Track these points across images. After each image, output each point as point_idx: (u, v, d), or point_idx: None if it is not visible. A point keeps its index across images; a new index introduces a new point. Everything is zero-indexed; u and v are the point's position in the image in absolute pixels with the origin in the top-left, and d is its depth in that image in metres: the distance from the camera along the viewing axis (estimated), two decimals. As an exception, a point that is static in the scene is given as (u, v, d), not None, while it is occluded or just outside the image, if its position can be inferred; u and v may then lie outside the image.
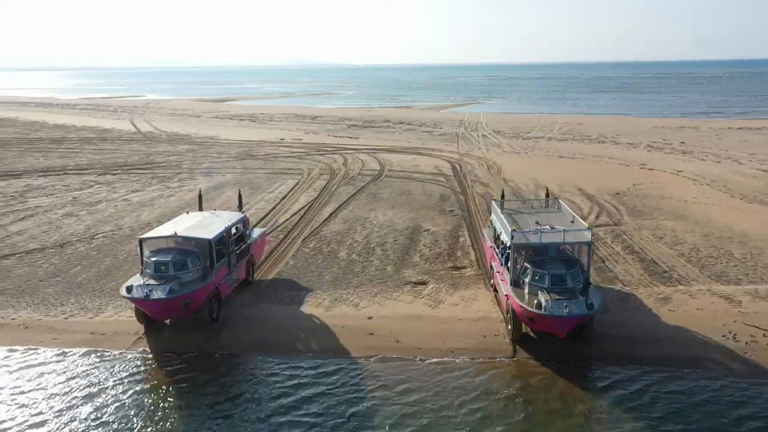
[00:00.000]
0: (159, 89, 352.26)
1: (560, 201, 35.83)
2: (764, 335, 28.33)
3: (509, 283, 28.30)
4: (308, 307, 32.71)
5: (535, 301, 25.92)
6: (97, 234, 47.64)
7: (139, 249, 31.05)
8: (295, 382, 25.76)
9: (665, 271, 36.85)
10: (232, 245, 33.20)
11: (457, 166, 73.48)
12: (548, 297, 25.97)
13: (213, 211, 39.17)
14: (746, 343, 27.88)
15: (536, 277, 27.21)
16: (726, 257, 38.97)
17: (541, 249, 28.81)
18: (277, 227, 48.17)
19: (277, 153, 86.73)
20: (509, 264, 28.74)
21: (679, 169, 66.61)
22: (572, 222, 31.28)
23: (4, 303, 34.32)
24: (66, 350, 28.93)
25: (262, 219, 50.99)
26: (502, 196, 37.47)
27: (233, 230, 34.03)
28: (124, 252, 43.05)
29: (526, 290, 27.24)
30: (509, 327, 28.55)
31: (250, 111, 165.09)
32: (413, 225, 48.08)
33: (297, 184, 64.72)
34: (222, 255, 31.84)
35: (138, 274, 30.30)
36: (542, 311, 25.39)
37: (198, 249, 30.83)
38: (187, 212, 37.62)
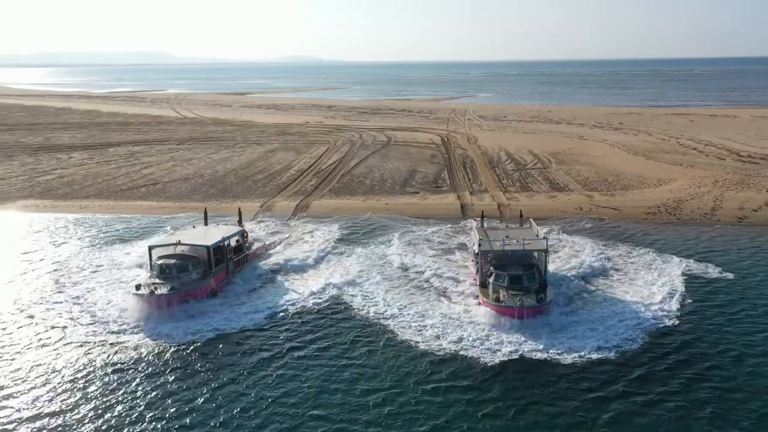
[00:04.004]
0: (176, 84, 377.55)
1: (531, 221, 40.94)
2: (597, 208, 53.32)
3: (478, 284, 33.45)
4: (352, 201, 57.90)
5: (494, 297, 31.20)
6: (203, 174, 72.50)
7: (148, 254, 35.94)
8: (353, 222, 50.74)
9: (561, 187, 61.93)
10: (230, 254, 37.93)
11: (445, 138, 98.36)
12: (506, 294, 31.10)
13: (216, 225, 43.14)
14: (586, 211, 52.90)
15: (499, 278, 32.34)
16: (601, 182, 64.00)
17: (503, 255, 33.87)
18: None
19: (306, 131, 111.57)
20: (477, 268, 33.91)
21: (605, 139, 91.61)
22: (537, 235, 36.40)
23: (179, 200, 59.58)
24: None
25: (310, 167, 75.73)
26: (482, 217, 43.06)
27: (233, 241, 39.16)
28: (228, 182, 67.89)
29: (491, 289, 32.17)
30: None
31: (272, 102, 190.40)
32: (412, 169, 73.04)
33: (328, 149, 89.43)
34: (220, 261, 36.75)
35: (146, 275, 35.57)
36: (500, 304, 30.49)
37: (198, 255, 35.44)
38: (194, 226, 42.51)
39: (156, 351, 29.31)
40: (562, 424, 23.25)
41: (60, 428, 23.54)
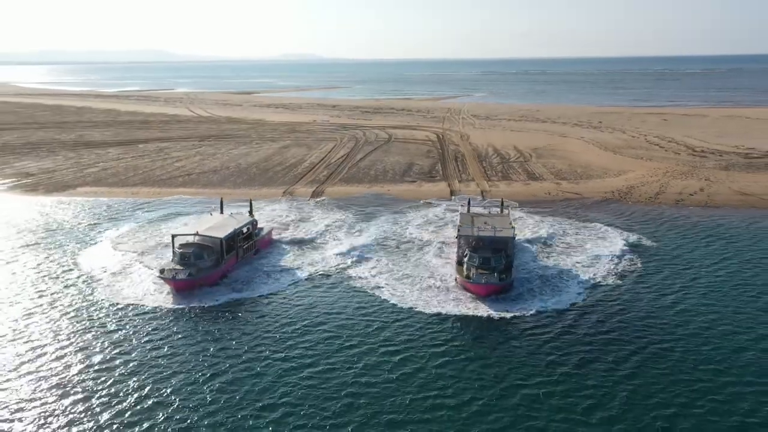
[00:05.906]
0: (180, 83, 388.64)
1: (509, 208, 51.13)
2: (563, 193, 64.44)
3: (455, 262, 40.59)
4: (359, 188, 69.05)
5: (465, 274, 38.38)
6: (229, 167, 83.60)
7: (171, 242, 42.07)
8: (360, 199, 61.86)
9: (536, 176, 73.07)
10: (240, 242, 43.57)
11: (441, 136, 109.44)
12: (475, 272, 38.09)
13: (231, 214, 47.71)
14: (553, 195, 64.04)
15: (472, 259, 39.25)
16: (571, 172, 75.16)
17: (477, 240, 41.06)
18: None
19: (315, 129, 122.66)
20: (456, 249, 42.04)
21: (582, 136, 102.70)
22: (510, 224, 44.36)
23: (213, 187, 70.66)
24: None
25: (321, 160, 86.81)
26: (468, 203, 51.68)
27: (244, 230, 44.66)
28: (251, 173, 79.05)
29: (465, 267, 39.10)
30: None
31: (280, 101, 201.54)
32: (410, 162, 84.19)
33: (335, 145, 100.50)
34: (231, 249, 42.25)
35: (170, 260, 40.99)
36: (469, 281, 37.92)
37: (213, 245, 40.96)
38: (211, 213, 47.77)
39: (179, 313, 40.50)
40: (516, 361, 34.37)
41: (104, 377, 33.58)
